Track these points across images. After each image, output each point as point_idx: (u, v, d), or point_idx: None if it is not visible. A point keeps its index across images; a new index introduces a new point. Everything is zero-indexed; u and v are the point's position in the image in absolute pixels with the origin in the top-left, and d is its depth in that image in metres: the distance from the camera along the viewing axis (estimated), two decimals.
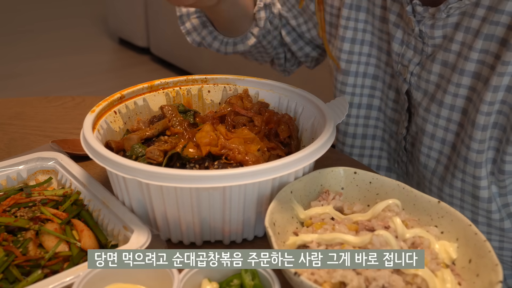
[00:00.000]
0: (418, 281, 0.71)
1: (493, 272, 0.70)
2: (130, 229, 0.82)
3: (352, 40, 1.20)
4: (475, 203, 1.06)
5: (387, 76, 1.20)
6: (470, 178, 1.04)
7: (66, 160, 1.00)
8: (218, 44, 1.37)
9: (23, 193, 0.92)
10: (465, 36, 0.99)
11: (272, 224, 0.78)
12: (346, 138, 1.31)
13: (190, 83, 1.12)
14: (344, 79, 1.24)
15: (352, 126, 1.29)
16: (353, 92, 1.25)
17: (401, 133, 1.19)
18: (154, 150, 0.90)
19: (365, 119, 1.27)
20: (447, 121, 1.06)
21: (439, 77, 1.05)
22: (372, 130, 1.28)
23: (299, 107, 1.06)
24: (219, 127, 0.96)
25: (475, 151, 1.00)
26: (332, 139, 0.90)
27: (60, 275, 0.73)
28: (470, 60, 0.98)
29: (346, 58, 1.22)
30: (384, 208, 0.83)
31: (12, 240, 0.81)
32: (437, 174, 1.11)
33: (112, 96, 1.02)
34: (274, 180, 0.84)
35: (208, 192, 0.81)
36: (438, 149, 1.09)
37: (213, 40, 1.37)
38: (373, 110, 1.26)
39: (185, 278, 0.72)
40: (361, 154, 1.31)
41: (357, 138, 1.30)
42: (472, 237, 0.77)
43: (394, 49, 1.12)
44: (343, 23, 1.20)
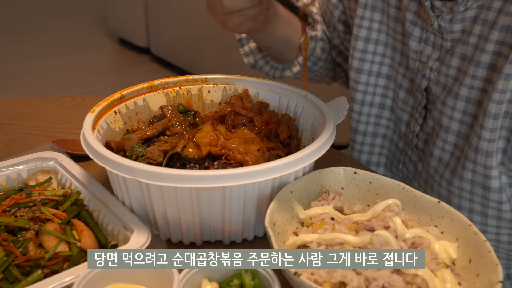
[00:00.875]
0: (418, 281, 0.71)
1: (493, 272, 0.70)
2: (130, 229, 0.82)
3: (366, 39, 1.22)
4: (486, 194, 1.06)
5: (399, 76, 1.21)
6: (481, 168, 1.04)
7: (66, 160, 1.00)
8: (268, 68, 1.42)
9: (23, 193, 0.92)
10: (482, 29, 1.00)
11: (272, 224, 0.78)
12: (357, 135, 1.31)
13: (190, 83, 1.12)
14: (356, 77, 1.25)
15: (363, 124, 1.29)
16: (365, 91, 1.26)
17: (413, 131, 1.19)
18: (154, 150, 0.90)
19: (377, 118, 1.28)
20: (462, 113, 1.06)
21: (457, 71, 1.06)
22: (384, 130, 1.29)
23: (299, 107, 1.06)
24: (219, 127, 0.96)
25: (487, 140, 1.01)
26: (332, 139, 0.90)
27: (60, 275, 0.73)
28: (486, 52, 0.99)
29: (359, 56, 1.23)
30: (384, 208, 0.83)
31: (12, 240, 0.81)
32: (449, 167, 1.11)
33: (112, 96, 1.02)
34: (274, 180, 0.84)
35: (208, 192, 0.81)
36: (453, 142, 1.10)
37: (265, 64, 1.42)
38: (385, 110, 1.27)
39: (185, 278, 0.72)
40: (370, 152, 1.32)
41: (368, 136, 1.30)
42: (472, 237, 0.77)
43: (412, 47, 1.13)
44: (357, 22, 1.22)
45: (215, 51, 3.50)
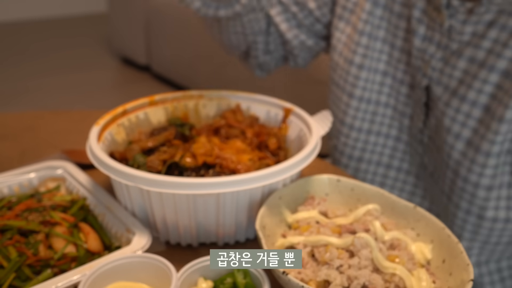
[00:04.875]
0: (396, 280, 0.71)
1: (465, 272, 0.70)
2: (132, 232, 0.82)
3: (369, 35, 1.15)
4: None
5: (398, 72, 1.14)
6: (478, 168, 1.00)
7: (73, 169, 1.00)
8: (200, 4, 1.14)
9: (34, 199, 0.92)
10: (499, 34, 0.94)
11: (262, 227, 0.78)
12: (351, 131, 1.23)
13: (187, 98, 1.12)
14: (358, 73, 1.18)
15: (358, 120, 1.21)
16: (364, 87, 1.18)
17: (417, 126, 1.13)
18: (154, 159, 0.90)
19: (372, 114, 1.20)
20: (465, 116, 1.00)
21: (463, 73, 1.00)
22: (377, 127, 1.21)
23: (286, 120, 1.06)
24: (213, 139, 0.97)
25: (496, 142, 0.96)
26: (317, 149, 0.91)
27: (68, 274, 0.73)
28: (502, 58, 0.93)
29: (362, 52, 1.16)
30: (365, 213, 0.83)
31: (24, 242, 0.81)
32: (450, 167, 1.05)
33: (115, 110, 1.02)
34: (264, 187, 0.84)
35: (204, 198, 0.81)
36: (452, 144, 1.03)
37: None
38: (380, 106, 1.19)
39: (183, 276, 0.72)
40: (363, 148, 1.24)
41: (362, 132, 1.22)
42: (446, 239, 0.77)
43: (416, 45, 1.06)
44: (363, 16, 1.15)
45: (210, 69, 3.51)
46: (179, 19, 3.63)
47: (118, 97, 3.93)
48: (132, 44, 4.37)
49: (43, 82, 4.11)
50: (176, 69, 3.94)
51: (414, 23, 1.06)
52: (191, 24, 3.51)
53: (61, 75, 4.29)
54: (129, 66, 4.60)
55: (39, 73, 4.30)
